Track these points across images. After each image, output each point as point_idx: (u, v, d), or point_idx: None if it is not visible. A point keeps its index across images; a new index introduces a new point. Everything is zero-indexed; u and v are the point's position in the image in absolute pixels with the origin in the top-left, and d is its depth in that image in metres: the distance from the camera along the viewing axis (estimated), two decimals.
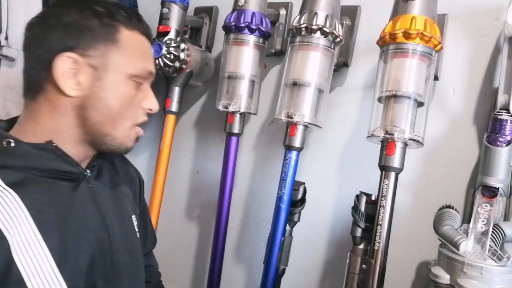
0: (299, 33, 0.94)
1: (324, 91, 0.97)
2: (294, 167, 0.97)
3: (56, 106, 0.65)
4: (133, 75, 0.67)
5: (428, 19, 0.82)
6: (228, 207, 1.13)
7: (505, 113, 0.84)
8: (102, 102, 0.66)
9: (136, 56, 0.68)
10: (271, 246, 1.00)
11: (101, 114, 0.67)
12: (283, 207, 0.97)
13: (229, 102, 1.07)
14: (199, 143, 1.34)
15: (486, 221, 0.81)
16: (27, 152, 0.63)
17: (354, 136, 1.09)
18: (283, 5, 1.16)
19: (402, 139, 0.83)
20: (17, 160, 0.62)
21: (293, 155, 0.97)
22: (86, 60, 0.65)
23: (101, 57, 0.65)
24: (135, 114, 0.69)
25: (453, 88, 0.98)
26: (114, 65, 0.66)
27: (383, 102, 0.87)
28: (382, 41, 0.86)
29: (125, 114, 0.68)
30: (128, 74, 0.67)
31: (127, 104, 0.68)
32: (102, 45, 0.65)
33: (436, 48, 0.84)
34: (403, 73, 0.83)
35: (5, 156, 0.62)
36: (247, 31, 1.04)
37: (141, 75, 0.69)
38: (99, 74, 0.65)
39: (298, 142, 0.96)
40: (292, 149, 0.96)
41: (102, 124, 0.67)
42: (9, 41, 1.03)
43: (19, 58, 1.05)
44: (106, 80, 0.66)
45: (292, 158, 0.97)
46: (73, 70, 0.64)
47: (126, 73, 0.67)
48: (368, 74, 1.07)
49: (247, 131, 1.23)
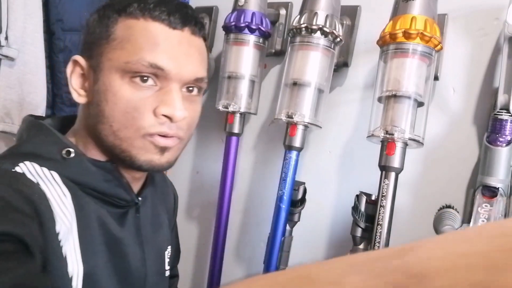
0: (299, 33, 0.94)
1: (324, 91, 0.97)
2: (294, 167, 0.97)
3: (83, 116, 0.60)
4: (127, 71, 0.55)
5: (428, 19, 0.82)
6: (228, 207, 1.13)
7: (505, 113, 0.84)
8: (97, 108, 0.57)
9: (135, 47, 0.56)
10: (271, 246, 1.00)
11: (101, 123, 0.57)
12: (283, 207, 0.97)
13: (229, 102, 1.07)
14: (199, 143, 1.34)
15: (486, 221, 0.81)
16: (87, 169, 0.57)
17: (354, 136, 1.09)
18: (283, 5, 1.16)
19: (402, 139, 0.83)
20: (73, 173, 0.56)
21: (293, 155, 0.97)
22: (89, 62, 0.58)
23: (98, 56, 0.57)
24: (144, 121, 0.55)
25: (453, 88, 0.98)
26: (107, 62, 0.56)
27: (383, 102, 0.87)
28: (382, 41, 0.86)
29: (130, 123, 0.55)
30: (121, 69, 0.55)
31: (129, 110, 0.55)
32: (99, 41, 0.57)
33: (436, 48, 0.84)
34: (403, 73, 0.83)
35: (63, 166, 0.55)
36: (247, 31, 1.04)
37: (139, 70, 0.55)
38: (97, 76, 0.57)
39: (298, 142, 0.96)
40: (292, 149, 0.96)
41: (108, 136, 0.57)
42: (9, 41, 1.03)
43: (19, 58, 1.05)
44: (99, 81, 0.57)
45: (292, 158, 0.97)
46: (79, 74, 0.59)
47: (117, 67, 0.55)
48: (368, 74, 1.07)
49: (247, 131, 1.23)
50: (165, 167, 0.60)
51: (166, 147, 0.58)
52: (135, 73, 0.55)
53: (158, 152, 0.57)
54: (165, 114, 0.56)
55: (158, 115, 0.56)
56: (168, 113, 0.56)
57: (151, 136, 0.56)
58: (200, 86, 0.62)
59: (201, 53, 0.61)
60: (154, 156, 0.57)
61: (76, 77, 0.59)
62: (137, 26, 0.57)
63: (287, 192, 0.97)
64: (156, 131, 0.56)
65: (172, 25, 0.57)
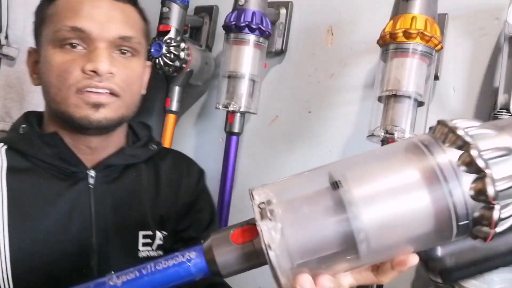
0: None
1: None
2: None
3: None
4: (56, 40, 0.62)
5: (429, 19, 0.82)
6: (228, 206, 1.13)
7: (505, 113, 0.84)
8: (42, 82, 0.65)
9: (60, 17, 0.63)
10: None
11: (46, 95, 0.65)
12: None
13: (229, 102, 1.07)
14: (199, 142, 1.34)
15: None
16: (31, 141, 0.65)
17: (354, 136, 1.09)
18: (284, 4, 1.16)
19: (402, 138, 0.83)
20: (22, 146, 0.65)
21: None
22: (37, 48, 0.67)
23: (39, 38, 0.66)
24: (74, 79, 0.61)
25: (453, 87, 0.98)
26: (43, 39, 0.64)
27: (383, 102, 0.87)
28: (382, 40, 0.86)
29: (62, 83, 0.61)
30: (51, 40, 0.62)
31: (61, 72, 0.61)
32: (39, 27, 0.66)
33: (437, 48, 0.84)
34: (403, 72, 0.83)
35: (21, 141, 0.65)
36: (247, 31, 1.04)
37: (64, 36, 0.61)
38: (39, 55, 0.66)
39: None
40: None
41: (51, 103, 0.64)
42: (9, 40, 1.03)
43: (19, 57, 1.05)
44: (41, 58, 0.65)
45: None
46: (33, 62, 0.67)
47: (49, 40, 0.62)
48: (368, 74, 1.07)
49: (247, 130, 1.23)
50: (104, 124, 0.63)
51: (99, 103, 0.62)
52: (63, 40, 0.61)
53: (92, 108, 0.62)
54: (90, 69, 0.60)
55: (85, 71, 0.61)
56: (92, 67, 0.60)
57: (82, 93, 0.61)
58: (131, 46, 0.66)
59: (125, 13, 0.66)
60: (88, 111, 0.62)
61: (31, 65, 0.68)
62: (63, 1, 0.64)
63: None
64: (84, 85, 0.61)
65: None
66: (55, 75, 0.61)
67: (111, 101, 0.63)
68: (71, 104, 0.61)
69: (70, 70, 0.61)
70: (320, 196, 0.40)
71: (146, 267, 0.43)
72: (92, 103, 0.62)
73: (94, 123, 0.62)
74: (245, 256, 0.42)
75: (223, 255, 0.42)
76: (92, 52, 0.61)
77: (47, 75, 0.62)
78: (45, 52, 0.63)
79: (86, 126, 0.63)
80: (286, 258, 0.38)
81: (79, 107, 0.62)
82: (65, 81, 0.61)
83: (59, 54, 0.61)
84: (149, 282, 0.42)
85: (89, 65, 0.60)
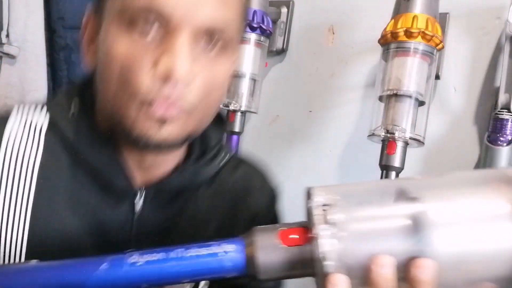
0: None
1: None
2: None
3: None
4: (122, 13, 0.43)
5: (430, 18, 0.82)
6: None
7: (506, 112, 0.84)
8: (99, 70, 0.47)
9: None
10: None
11: (102, 88, 0.48)
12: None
13: (230, 101, 1.07)
14: None
15: None
16: (82, 133, 0.51)
17: (355, 135, 1.09)
18: (285, 3, 1.16)
19: (403, 138, 0.83)
20: (76, 143, 0.50)
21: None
22: (98, 19, 0.48)
23: (102, 4, 0.47)
24: (139, 85, 0.43)
25: (454, 87, 0.98)
26: (108, 9, 0.46)
27: (384, 101, 0.87)
28: (383, 39, 0.86)
29: (123, 85, 0.44)
30: (116, 16, 0.44)
31: (124, 71, 0.44)
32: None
33: (438, 47, 0.84)
34: (405, 72, 0.83)
35: (69, 129, 0.50)
36: (248, 29, 1.04)
37: (134, 13, 0.43)
38: (98, 34, 0.48)
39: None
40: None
41: (106, 101, 0.47)
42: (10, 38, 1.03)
43: (20, 56, 1.05)
44: (100, 37, 0.47)
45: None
46: (89, 38, 0.50)
47: (114, 13, 0.44)
48: (369, 73, 1.07)
49: (248, 129, 1.23)
50: (167, 144, 0.46)
51: (166, 119, 0.45)
52: (131, 21, 0.43)
53: (155, 123, 0.45)
54: (164, 72, 0.42)
55: (159, 73, 0.43)
56: (166, 68, 0.42)
57: (147, 106, 0.44)
58: (225, 38, 0.46)
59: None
60: (150, 127, 0.45)
61: (86, 43, 0.51)
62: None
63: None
64: (151, 97, 0.43)
65: None
66: (116, 72, 0.44)
67: (182, 116, 0.46)
68: (129, 116, 0.45)
69: (136, 70, 0.43)
70: (391, 210, 0.35)
71: (175, 250, 0.37)
72: (157, 118, 0.44)
73: (153, 142, 0.46)
74: (291, 262, 0.35)
75: (268, 254, 0.35)
76: (168, 42, 0.43)
77: (105, 68, 0.46)
78: (107, 28, 0.45)
79: (143, 145, 0.46)
80: (344, 273, 0.33)
81: (139, 121, 0.45)
82: (128, 85, 0.44)
83: (126, 37, 0.44)
84: (174, 268, 0.37)
85: (162, 66, 0.42)
